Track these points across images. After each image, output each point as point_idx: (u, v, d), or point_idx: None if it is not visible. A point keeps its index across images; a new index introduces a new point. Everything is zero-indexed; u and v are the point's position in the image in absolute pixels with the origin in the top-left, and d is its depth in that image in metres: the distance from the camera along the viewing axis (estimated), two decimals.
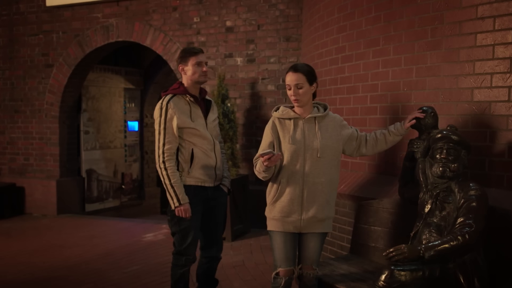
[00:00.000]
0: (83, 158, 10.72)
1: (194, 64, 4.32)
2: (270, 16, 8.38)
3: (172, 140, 4.27)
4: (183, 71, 4.40)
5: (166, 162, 4.26)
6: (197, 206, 4.37)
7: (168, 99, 4.31)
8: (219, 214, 4.58)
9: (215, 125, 4.55)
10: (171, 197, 4.26)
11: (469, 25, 4.29)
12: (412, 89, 4.78)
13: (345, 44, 5.66)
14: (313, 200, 3.84)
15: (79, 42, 9.76)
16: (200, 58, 4.35)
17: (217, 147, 4.47)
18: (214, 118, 4.53)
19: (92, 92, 10.93)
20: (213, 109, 4.57)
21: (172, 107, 4.26)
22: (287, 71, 3.91)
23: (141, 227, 8.91)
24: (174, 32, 9.03)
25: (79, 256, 6.94)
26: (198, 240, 4.48)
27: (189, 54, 4.35)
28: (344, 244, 5.32)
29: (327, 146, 3.86)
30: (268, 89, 8.44)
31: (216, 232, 4.59)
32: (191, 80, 4.37)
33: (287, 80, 3.88)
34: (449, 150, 3.64)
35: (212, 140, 4.41)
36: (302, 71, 3.84)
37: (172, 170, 4.26)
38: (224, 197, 4.61)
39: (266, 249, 7.04)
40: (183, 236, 4.39)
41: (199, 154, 4.33)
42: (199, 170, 4.35)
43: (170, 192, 4.26)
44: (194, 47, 4.48)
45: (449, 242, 3.37)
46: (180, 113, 4.27)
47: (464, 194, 3.55)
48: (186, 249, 4.40)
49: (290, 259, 3.90)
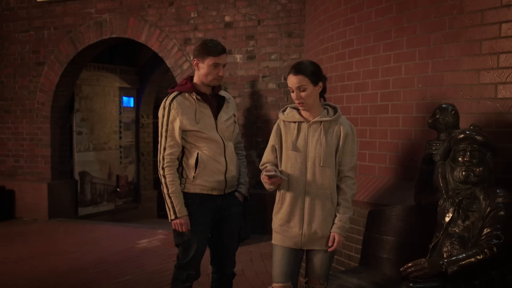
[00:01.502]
0: (76, 160, 10.57)
1: (210, 65, 3.86)
2: (271, 10, 8.15)
3: (174, 144, 3.86)
4: (196, 67, 3.94)
5: (165, 168, 3.86)
6: (203, 216, 3.94)
7: (172, 98, 3.90)
8: (232, 226, 4.09)
9: (229, 125, 4.07)
10: (168, 208, 3.86)
11: (493, 14, 3.99)
12: (428, 85, 4.49)
13: (353, 38, 5.38)
14: (315, 214, 3.51)
15: (71, 39, 9.57)
16: (219, 60, 3.89)
17: (229, 150, 4.00)
18: (227, 117, 4.05)
19: (86, 91, 10.78)
20: (228, 107, 4.09)
21: (175, 107, 3.86)
22: (288, 71, 3.56)
23: (136, 232, 8.70)
24: (170, 28, 8.82)
25: (68, 264, 6.65)
26: (203, 254, 4.05)
27: (209, 53, 3.87)
28: (352, 254, 4.99)
29: (332, 155, 3.51)
30: (269, 87, 8.21)
31: (227, 246, 4.12)
32: (202, 79, 3.94)
33: (288, 82, 3.53)
34: (473, 152, 3.36)
35: (222, 143, 3.95)
36: (304, 72, 3.47)
37: (171, 178, 3.86)
38: (238, 206, 4.11)
39: (267, 256, 6.76)
40: (185, 248, 3.98)
41: (205, 159, 3.89)
42: (205, 176, 3.91)
43: (167, 203, 3.87)
44: (216, 44, 3.92)
45: (475, 256, 3.11)
46: (184, 114, 3.86)
47: (490, 201, 3.28)
48: (188, 263, 3.98)
49: (287, 274, 3.57)
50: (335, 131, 3.53)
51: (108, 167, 11.30)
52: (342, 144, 3.53)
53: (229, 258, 4.14)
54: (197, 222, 3.91)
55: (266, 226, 7.25)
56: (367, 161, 5.11)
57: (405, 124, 4.68)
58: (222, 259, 4.13)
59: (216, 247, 4.12)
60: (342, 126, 3.55)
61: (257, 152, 8.13)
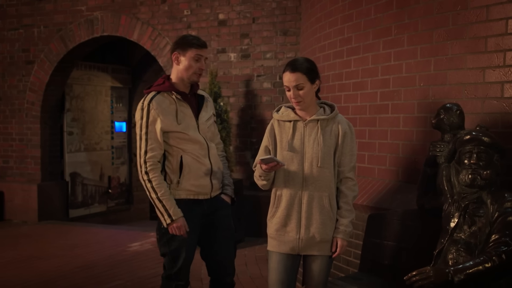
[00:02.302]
0: (66, 160, 10.43)
1: (192, 57, 3.68)
2: (266, 8, 8.05)
3: (156, 147, 3.64)
4: (176, 61, 3.74)
5: (149, 172, 3.62)
6: (191, 223, 3.73)
7: (150, 98, 3.69)
8: (222, 230, 3.89)
9: (210, 124, 3.89)
10: (160, 213, 3.63)
11: (499, 9, 3.84)
12: (430, 84, 4.35)
13: (351, 35, 5.24)
14: (313, 217, 3.36)
15: (62, 37, 9.45)
16: (202, 52, 3.72)
17: (212, 151, 3.82)
18: (208, 117, 3.88)
19: (77, 91, 10.64)
20: (207, 106, 3.91)
21: (154, 107, 3.64)
22: (283, 69, 3.41)
23: (127, 235, 8.59)
24: (163, 26, 8.72)
25: (57, 269, 6.48)
26: (191, 262, 3.86)
27: (190, 45, 3.70)
28: (350, 259, 4.84)
29: (330, 155, 3.38)
30: (264, 86, 8.10)
31: (222, 252, 3.91)
32: (181, 75, 3.74)
33: (284, 80, 3.37)
34: (480, 154, 3.21)
35: (205, 144, 3.77)
36: (301, 70, 3.32)
37: (158, 181, 3.64)
38: (226, 208, 3.92)
39: (262, 260, 6.61)
40: (173, 258, 3.77)
41: (190, 162, 3.69)
42: (190, 180, 3.71)
43: (158, 208, 3.63)
44: (198, 38, 3.81)
45: (483, 264, 2.97)
46: (165, 114, 3.65)
47: (498, 206, 3.14)
48: (177, 274, 3.77)
49: (284, 283, 3.43)
50: (332, 130, 3.40)
51: (99, 168, 11.17)
52: (341, 143, 3.40)
53: (226, 266, 3.94)
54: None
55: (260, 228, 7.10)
56: (366, 163, 4.96)
57: (406, 124, 4.54)
58: (218, 266, 3.94)
59: (210, 256, 3.94)
60: (340, 124, 3.41)
61: (252, 153, 8.02)
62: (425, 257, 3.47)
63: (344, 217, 3.39)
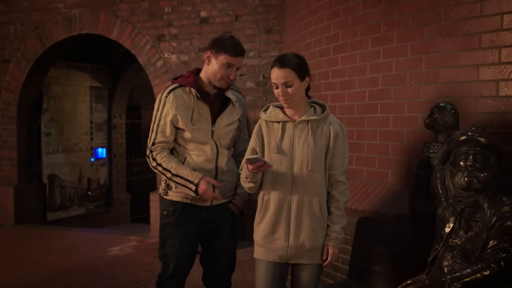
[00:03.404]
0: (44, 162, 10.26)
1: (223, 64, 3.47)
2: (249, 5, 7.92)
3: (164, 141, 3.53)
4: (207, 60, 3.55)
5: (156, 157, 3.51)
6: (185, 228, 3.56)
7: (170, 90, 3.53)
8: (223, 241, 3.70)
9: (229, 131, 3.66)
10: (184, 186, 3.46)
11: (493, 4, 3.74)
12: (421, 83, 4.24)
13: (338, 32, 5.12)
14: (302, 224, 3.20)
15: (39, 35, 9.26)
16: (235, 61, 3.50)
17: (222, 158, 3.60)
18: (229, 121, 3.65)
19: (54, 91, 10.47)
20: (233, 111, 3.66)
21: (171, 100, 3.49)
22: (272, 65, 3.24)
23: (107, 238, 8.46)
24: (143, 24, 8.54)
25: (34, 275, 6.31)
26: (185, 271, 3.68)
27: (225, 51, 3.47)
28: (338, 265, 4.72)
29: (321, 158, 3.22)
30: (247, 86, 7.95)
31: (219, 264, 3.73)
32: (209, 76, 3.55)
33: (272, 77, 3.19)
34: (476, 156, 3.11)
35: (215, 150, 3.56)
36: (290, 66, 3.15)
37: (166, 159, 3.49)
38: (230, 219, 3.71)
39: (246, 264, 6.45)
40: (164, 263, 3.63)
41: (192, 165, 3.53)
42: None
43: (179, 182, 3.47)
44: (237, 44, 3.55)
45: (481, 272, 2.87)
46: (180, 109, 3.49)
47: (496, 210, 3.05)
48: (166, 281, 3.62)
49: None
50: (323, 131, 3.23)
51: (78, 170, 11.02)
52: (332, 145, 3.23)
53: (221, 279, 3.78)
54: (177, 234, 3.56)
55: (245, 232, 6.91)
56: (354, 165, 4.84)
57: (396, 124, 4.42)
58: (213, 279, 3.78)
59: (207, 266, 3.78)
60: (331, 125, 3.25)
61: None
62: (418, 263, 3.39)
63: (336, 223, 3.22)
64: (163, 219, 3.63)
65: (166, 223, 3.60)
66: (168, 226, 3.57)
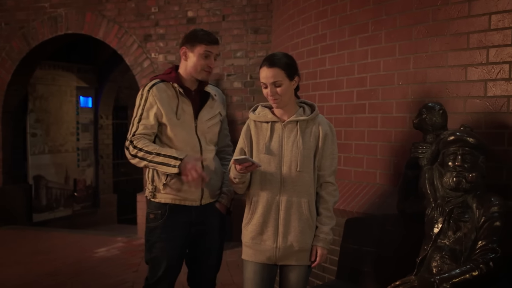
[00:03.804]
0: (30, 163, 10.26)
1: (201, 54, 3.44)
2: (237, 5, 7.89)
3: (146, 133, 3.41)
4: (184, 56, 3.51)
5: (137, 144, 3.37)
6: (175, 230, 3.50)
7: (152, 85, 3.47)
8: (210, 241, 3.65)
9: (212, 125, 3.61)
10: (166, 164, 3.31)
11: (481, 4, 3.71)
12: (410, 83, 4.22)
13: (326, 32, 5.09)
14: (291, 225, 3.17)
15: (24, 35, 9.18)
16: (212, 49, 3.47)
17: (207, 155, 3.55)
18: (210, 116, 3.62)
19: (40, 91, 10.46)
20: (213, 105, 3.63)
21: (154, 93, 3.42)
22: (260, 64, 3.22)
23: (93, 240, 8.36)
24: (129, 24, 8.49)
25: (18, 277, 6.22)
26: (175, 275, 3.62)
27: (199, 41, 3.45)
28: (326, 266, 4.70)
29: (310, 158, 3.19)
30: (235, 86, 7.93)
31: (205, 264, 3.69)
32: (189, 71, 3.51)
33: (261, 76, 3.17)
34: (465, 156, 3.09)
35: (198, 146, 3.51)
36: (279, 65, 3.13)
37: (148, 143, 3.37)
38: (218, 219, 3.67)
39: (233, 266, 6.43)
40: (153, 266, 3.55)
41: None
42: (176, 185, 3.46)
43: (160, 162, 3.32)
44: (209, 33, 3.54)
45: (470, 272, 2.84)
46: (163, 103, 3.42)
47: (484, 210, 3.03)
48: (155, 285, 3.56)
49: None
50: (312, 131, 3.20)
51: (64, 171, 10.99)
52: (321, 146, 3.20)
53: (207, 279, 3.74)
54: (165, 238, 3.49)
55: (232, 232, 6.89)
56: (342, 165, 4.81)
57: (384, 124, 4.39)
58: (199, 280, 3.73)
59: (193, 266, 3.72)
60: (320, 126, 3.22)
61: None
62: (407, 264, 3.35)
63: (325, 224, 3.20)
64: (150, 222, 3.54)
65: (153, 227, 3.52)
66: (156, 229, 3.49)
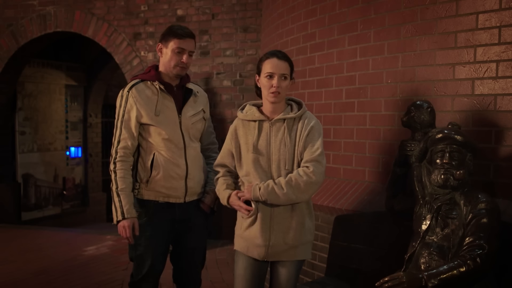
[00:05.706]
0: (18, 161, 10.20)
1: (174, 49, 3.43)
2: (226, 4, 7.82)
3: (129, 137, 3.42)
4: (160, 52, 3.51)
5: (117, 163, 3.42)
6: (159, 227, 3.50)
7: (131, 86, 3.46)
8: (194, 239, 3.65)
9: (196, 121, 3.61)
10: (115, 208, 3.40)
11: (469, 3, 3.73)
12: (398, 81, 4.22)
13: (315, 31, 5.08)
14: (283, 224, 3.16)
15: (13, 33, 9.07)
16: (184, 44, 3.45)
17: (190, 151, 3.55)
18: (194, 112, 3.62)
19: (29, 89, 10.38)
20: (197, 101, 3.65)
21: (134, 95, 3.42)
22: (264, 57, 3.20)
23: (83, 238, 8.29)
24: (119, 22, 8.40)
25: (7, 275, 6.17)
26: (159, 271, 3.62)
27: (173, 35, 3.45)
28: (315, 263, 4.69)
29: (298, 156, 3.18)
30: (224, 84, 7.86)
31: (190, 261, 3.69)
32: (165, 67, 3.51)
33: (270, 66, 3.11)
34: (453, 154, 3.09)
35: (182, 142, 3.50)
36: (288, 60, 3.17)
37: (122, 174, 3.41)
38: (202, 217, 3.67)
39: (223, 263, 6.42)
40: (138, 264, 3.55)
41: (162, 161, 3.45)
42: (160, 181, 3.46)
43: (115, 201, 3.40)
44: (183, 28, 3.54)
45: (457, 268, 2.87)
46: (143, 104, 3.42)
47: (472, 207, 3.04)
48: (140, 282, 3.55)
49: None
50: (299, 128, 3.16)
51: (53, 169, 10.91)
52: (305, 136, 3.13)
53: (192, 275, 3.74)
54: (151, 235, 3.49)
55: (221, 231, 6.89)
56: (331, 163, 4.80)
57: (373, 123, 4.40)
58: (184, 276, 3.73)
59: (178, 263, 3.72)
60: (307, 120, 3.17)
61: None
62: (395, 261, 3.35)
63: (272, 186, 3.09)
64: None
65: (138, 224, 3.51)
66: (140, 227, 3.46)
